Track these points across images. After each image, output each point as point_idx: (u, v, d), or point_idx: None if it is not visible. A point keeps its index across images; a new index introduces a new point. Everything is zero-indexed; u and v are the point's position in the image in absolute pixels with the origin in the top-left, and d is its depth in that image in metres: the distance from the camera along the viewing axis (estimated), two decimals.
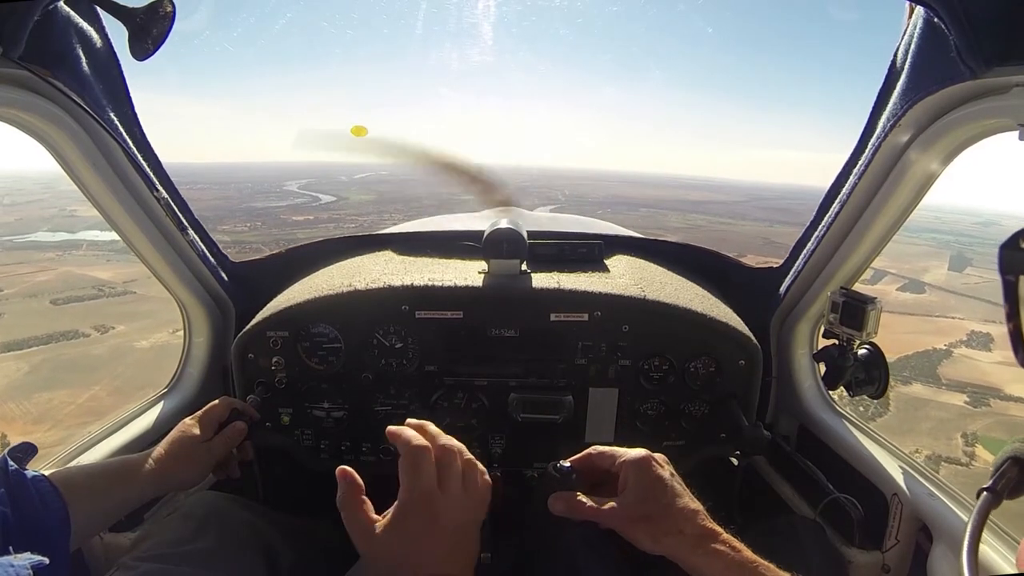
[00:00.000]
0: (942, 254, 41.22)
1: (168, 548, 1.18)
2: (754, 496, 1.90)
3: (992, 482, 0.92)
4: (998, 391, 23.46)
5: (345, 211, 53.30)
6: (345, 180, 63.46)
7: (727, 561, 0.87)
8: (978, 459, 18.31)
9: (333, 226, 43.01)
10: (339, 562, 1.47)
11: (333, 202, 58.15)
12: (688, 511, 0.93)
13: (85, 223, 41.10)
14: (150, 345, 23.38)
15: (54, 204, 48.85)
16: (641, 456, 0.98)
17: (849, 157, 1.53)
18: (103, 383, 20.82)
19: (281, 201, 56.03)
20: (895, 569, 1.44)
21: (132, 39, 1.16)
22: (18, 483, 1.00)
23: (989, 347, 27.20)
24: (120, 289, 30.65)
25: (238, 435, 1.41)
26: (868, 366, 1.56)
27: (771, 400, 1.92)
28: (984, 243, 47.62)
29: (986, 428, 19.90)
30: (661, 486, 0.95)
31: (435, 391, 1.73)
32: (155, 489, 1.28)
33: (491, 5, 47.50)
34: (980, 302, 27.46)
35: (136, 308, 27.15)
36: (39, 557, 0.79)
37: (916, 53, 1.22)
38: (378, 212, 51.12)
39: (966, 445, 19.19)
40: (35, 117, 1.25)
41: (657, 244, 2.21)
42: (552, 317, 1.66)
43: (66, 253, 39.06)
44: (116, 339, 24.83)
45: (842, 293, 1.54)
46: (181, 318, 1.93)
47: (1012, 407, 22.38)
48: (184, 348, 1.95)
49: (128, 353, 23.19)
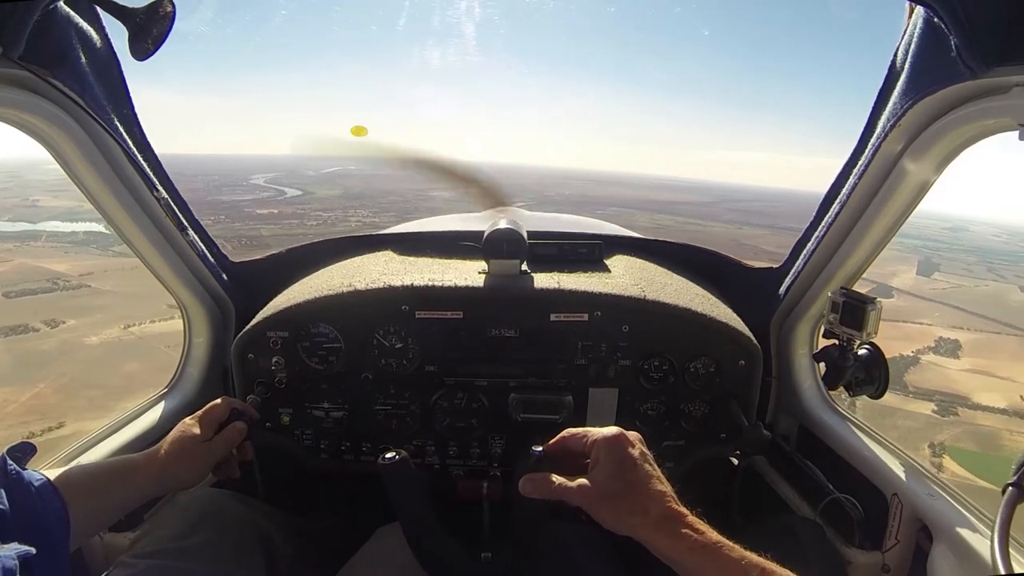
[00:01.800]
0: (910, 259, 41.05)
1: (166, 544, 1.18)
2: (754, 496, 1.90)
3: (1016, 477, 0.94)
4: (966, 399, 23.13)
5: (310, 206, 52.83)
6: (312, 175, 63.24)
7: (690, 543, 0.87)
8: (946, 471, 17.74)
9: (296, 221, 42.63)
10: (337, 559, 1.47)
11: (298, 196, 57.50)
12: (654, 492, 0.92)
13: (48, 213, 40.23)
14: (100, 341, 22.65)
15: (18, 194, 47.33)
16: (611, 434, 0.97)
17: (849, 157, 1.53)
18: (48, 381, 20.06)
19: (247, 195, 55.30)
20: (895, 569, 1.44)
21: (132, 39, 1.16)
22: (17, 482, 1.00)
23: (957, 354, 26.93)
24: (75, 282, 29.64)
25: (238, 435, 1.41)
26: (868, 366, 1.56)
27: (771, 400, 1.92)
28: (952, 248, 47.26)
29: (954, 438, 19.58)
30: (630, 464, 0.94)
31: (435, 391, 1.73)
32: (155, 489, 1.28)
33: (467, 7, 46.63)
34: (948, 308, 27.26)
35: (90, 302, 26.41)
36: (26, 547, 0.79)
37: (916, 53, 1.22)
38: (343, 207, 50.48)
39: (934, 456, 18.83)
40: (35, 117, 1.25)
41: (657, 244, 2.21)
42: (552, 317, 1.66)
43: (24, 244, 37.63)
44: (66, 334, 23.68)
45: (842, 293, 1.54)
46: (181, 318, 1.93)
47: (980, 416, 22.11)
48: (184, 348, 1.95)
49: (77, 350, 22.35)
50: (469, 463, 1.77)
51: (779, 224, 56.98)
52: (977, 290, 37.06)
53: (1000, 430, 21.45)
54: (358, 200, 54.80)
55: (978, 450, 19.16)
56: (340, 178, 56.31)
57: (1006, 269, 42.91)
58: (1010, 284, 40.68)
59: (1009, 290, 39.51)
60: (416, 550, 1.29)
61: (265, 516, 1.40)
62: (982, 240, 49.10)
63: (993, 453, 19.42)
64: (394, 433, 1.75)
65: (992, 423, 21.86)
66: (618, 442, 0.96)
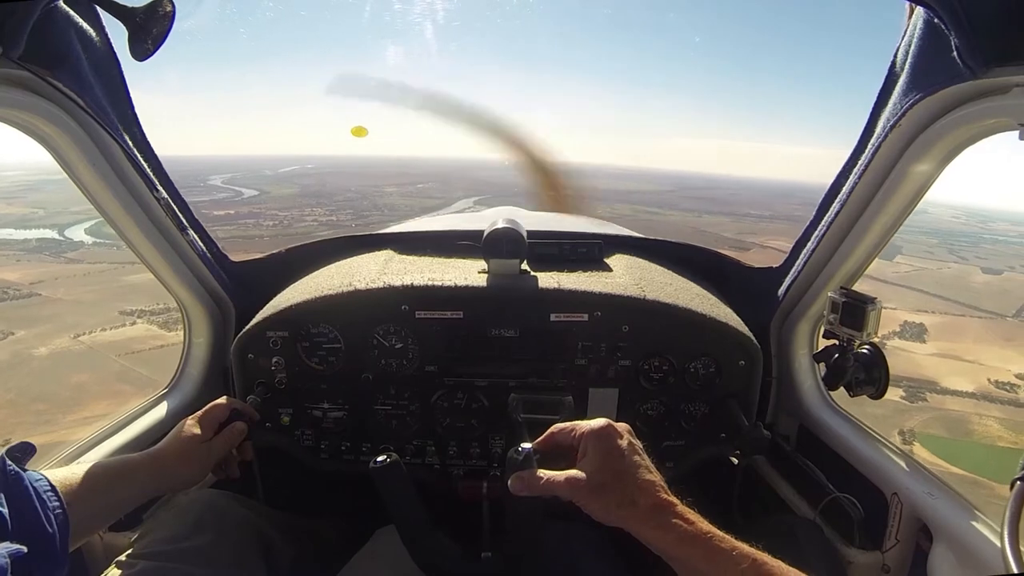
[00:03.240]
0: None
1: (165, 545, 1.18)
2: (754, 496, 1.91)
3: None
4: (934, 384, 22.77)
5: (266, 205, 52.83)
6: (269, 174, 62.56)
7: (679, 534, 0.86)
8: (917, 458, 17.79)
9: (252, 222, 42.34)
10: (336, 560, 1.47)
11: (255, 196, 57.56)
12: (643, 482, 0.92)
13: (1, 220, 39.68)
14: (48, 352, 21.67)
15: None
16: (600, 426, 0.97)
17: (849, 157, 1.53)
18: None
19: (205, 196, 54.67)
20: (895, 569, 1.44)
21: (132, 39, 1.16)
22: (16, 483, 0.99)
23: (923, 338, 26.66)
24: (26, 291, 28.46)
25: (238, 435, 1.41)
26: (868, 366, 1.55)
27: (771, 400, 1.92)
28: (912, 230, 46.78)
29: (923, 424, 19.18)
30: (618, 455, 0.94)
31: (435, 391, 1.73)
32: (155, 488, 1.28)
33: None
34: (912, 291, 26.76)
35: (39, 312, 25.51)
36: (16, 546, 0.79)
37: (916, 53, 1.22)
38: (299, 207, 50.69)
39: (904, 443, 18.70)
40: (35, 117, 1.25)
41: (657, 244, 2.21)
42: (552, 317, 1.66)
43: None
44: (15, 346, 22.74)
45: (842, 293, 1.54)
46: (181, 318, 1.93)
47: (949, 401, 21.78)
48: (184, 348, 1.95)
49: (26, 362, 21.40)
50: (469, 463, 1.77)
51: (738, 211, 56.46)
52: (940, 272, 36.83)
53: (969, 414, 21.25)
54: (315, 198, 54.68)
55: (948, 436, 18.93)
56: (297, 177, 55.81)
57: (967, 251, 42.52)
58: (971, 266, 40.33)
59: (971, 271, 39.17)
60: (412, 552, 1.29)
61: (265, 517, 1.40)
62: (941, 222, 48.92)
63: (964, 439, 19.28)
64: (394, 433, 1.75)
65: (961, 408, 21.64)
66: (605, 433, 0.96)
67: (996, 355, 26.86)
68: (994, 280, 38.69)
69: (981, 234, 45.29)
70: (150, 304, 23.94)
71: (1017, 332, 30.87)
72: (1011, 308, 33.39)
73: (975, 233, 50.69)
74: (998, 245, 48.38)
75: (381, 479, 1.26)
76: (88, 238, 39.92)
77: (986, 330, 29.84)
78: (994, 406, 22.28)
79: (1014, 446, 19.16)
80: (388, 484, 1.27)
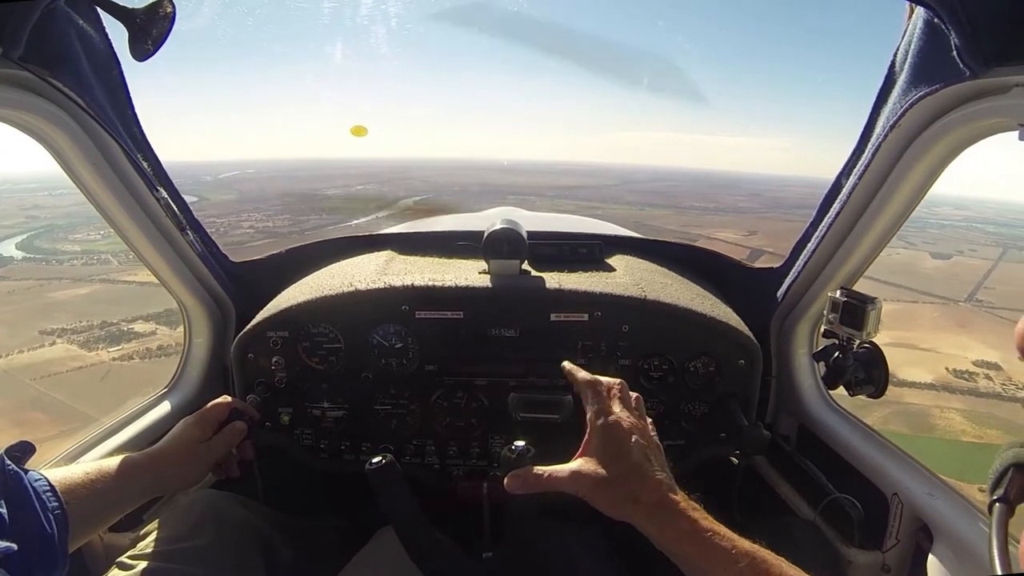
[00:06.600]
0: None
1: (166, 546, 1.18)
2: (754, 496, 1.90)
3: (1004, 492, 0.92)
4: (892, 376, 22.22)
5: (204, 212, 52.83)
6: (210, 180, 61.94)
7: (679, 532, 0.87)
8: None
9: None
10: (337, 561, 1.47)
11: (194, 203, 57.16)
12: (648, 478, 0.91)
13: None
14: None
15: None
16: (611, 420, 0.97)
17: (849, 157, 1.53)
18: None
19: None
20: (895, 569, 1.43)
21: (132, 39, 1.16)
22: (16, 482, 0.99)
23: (878, 328, 26.40)
24: None
25: (238, 435, 1.41)
26: (868, 366, 1.55)
27: (771, 400, 1.92)
28: None
29: (883, 420, 18.30)
30: (625, 450, 0.94)
31: (435, 391, 1.73)
32: (155, 488, 1.28)
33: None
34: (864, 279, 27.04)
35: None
36: (6, 543, 0.79)
37: (916, 53, 1.21)
38: (236, 212, 50.68)
39: None
40: (35, 117, 1.25)
41: (657, 244, 2.21)
42: (552, 317, 1.66)
43: None
44: None
45: (842, 293, 1.54)
46: (181, 318, 1.93)
47: (908, 393, 21.34)
48: (184, 348, 1.95)
49: None
50: (469, 463, 1.77)
51: (682, 204, 56.57)
52: (890, 259, 36.38)
53: (930, 407, 21.01)
54: (252, 204, 54.79)
55: (911, 432, 18.63)
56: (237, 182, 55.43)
57: (914, 236, 42.26)
58: (920, 251, 40.22)
59: (921, 257, 39.02)
60: (410, 552, 1.29)
61: (265, 518, 1.40)
62: None
63: (927, 435, 19.01)
64: (394, 433, 1.75)
65: (920, 401, 21.39)
66: (613, 426, 0.96)
67: (952, 342, 26.65)
68: (944, 265, 38.27)
69: (927, 219, 44.85)
70: (72, 322, 22.92)
71: (970, 317, 30.66)
72: (962, 293, 33.22)
73: (922, 218, 50.22)
74: (945, 230, 48.21)
75: (377, 480, 1.26)
76: (19, 253, 39.46)
77: (940, 316, 29.58)
78: (955, 397, 22.06)
79: (978, 440, 18.86)
80: (384, 485, 1.27)
